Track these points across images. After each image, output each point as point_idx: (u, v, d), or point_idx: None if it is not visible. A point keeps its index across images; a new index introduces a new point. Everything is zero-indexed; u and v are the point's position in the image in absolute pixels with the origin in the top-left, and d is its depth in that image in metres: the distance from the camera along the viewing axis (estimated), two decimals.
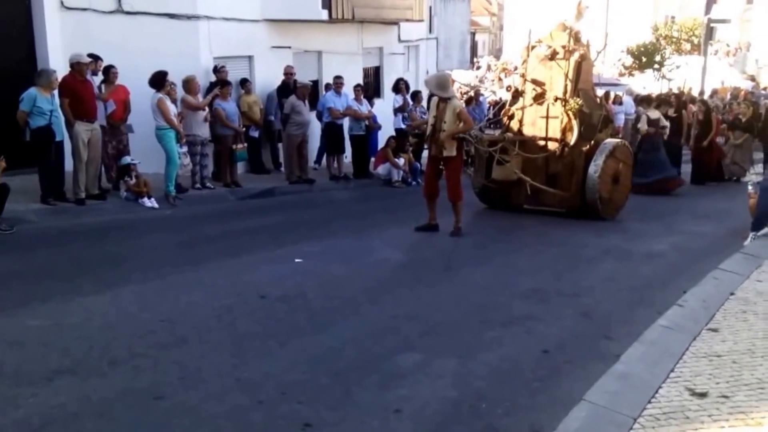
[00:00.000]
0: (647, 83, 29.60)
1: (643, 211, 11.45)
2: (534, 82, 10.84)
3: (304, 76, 14.48)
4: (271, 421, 4.13)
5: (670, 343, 5.28)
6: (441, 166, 9.29)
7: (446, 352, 5.20)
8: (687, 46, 39.34)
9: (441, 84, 9.22)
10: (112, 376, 4.66)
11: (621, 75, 32.29)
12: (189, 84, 11.56)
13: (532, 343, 5.45)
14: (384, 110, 15.76)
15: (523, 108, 11.04)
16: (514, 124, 11.08)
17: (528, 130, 10.95)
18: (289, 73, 14.06)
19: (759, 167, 15.09)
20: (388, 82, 17.41)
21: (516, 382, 4.72)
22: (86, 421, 4.07)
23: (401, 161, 14.14)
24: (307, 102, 13.34)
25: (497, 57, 48.31)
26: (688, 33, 39.80)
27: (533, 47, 11.08)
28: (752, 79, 34.18)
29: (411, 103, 14.76)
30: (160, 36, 12.36)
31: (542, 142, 10.77)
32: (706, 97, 20.56)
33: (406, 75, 18.25)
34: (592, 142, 10.70)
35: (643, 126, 14.17)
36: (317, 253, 8.16)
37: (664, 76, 30.92)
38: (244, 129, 12.79)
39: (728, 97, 22.21)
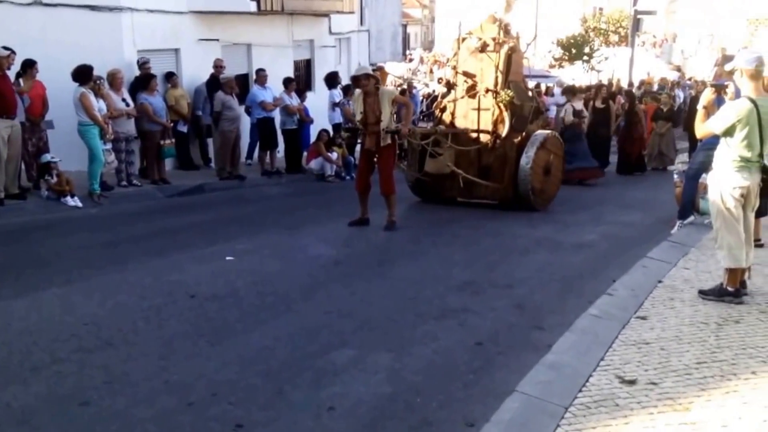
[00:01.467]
0: (577, 75, 30.14)
1: (572, 201, 11.63)
2: (465, 74, 10.86)
3: (233, 70, 14.26)
4: (202, 423, 4.03)
5: (600, 332, 5.34)
6: (375, 159, 9.25)
7: (380, 347, 5.16)
8: (615, 38, 40.23)
9: (365, 68, 9.40)
10: (34, 383, 4.49)
11: (552, 67, 32.82)
12: (113, 79, 11.23)
13: (466, 335, 5.45)
14: (316, 104, 15.64)
15: (455, 100, 11.07)
16: (447, 117, 11.11)
17: (460, 123, 10.99)
18: (218, 66, 13.81)
19: (684, 156, 15.52)
20: (319, 76, 17.27)
21: (450, 375, 4.71)
22: (7, 430, 3.92)
23: (334, 155, 14.04)
24: (235, 96, 13.11)
25: (429, 49, 48.63)
26: (616, 25, 40.71)
27: (464, 39, 11.10)
28: (678, 69, 35.18)
29: (344, 97, 14.67)
30: (81, 29, 12.00)
31: (474, 135, 10.82)
32: (634, 88, 21.03)
33: (338, 68, 18.14)
34: (524, 133, 10.78)
35: (568, 117, 14.39)
36: (249, 250, 8.02)
37: (593, 68, 31.53)
38: (171, 124, 12.50)
39: (655, 87, 22.77)
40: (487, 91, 10.69)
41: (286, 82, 14.25)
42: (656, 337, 5.23)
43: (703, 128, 6.22)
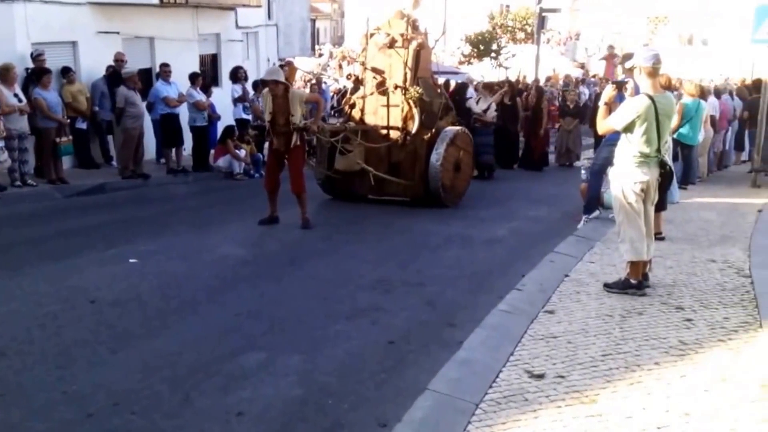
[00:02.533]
0: (485, 71, 30.58)
1: (482, 197, 11.78)
2: (374, 70, 10.79)
3: (135, 64, 13.77)
4: None
5: (509, 327, 5.39)
6: (285, 159, 9.15)
7: (291, 349, 5.06)
8: (521, 35, 41.05)
9: (275, 72, 9.16)
10: None
11: (461, 63, 33.17)
12: (5, 73, 10.67)
13: (378, 334, 5.41)
14: (223, 100, 15.31)
15: (364, 97, 10.98)
16: (356, 113, 11.02)
17: (370, 119, 10.91)
18: (119, 60, 13.32)
19: (589, 152, 15.94)
20: (226, 71, 16.93)
21: (362, 375, 4.66)
22: None
23: (242, 153, 13.78)
24: (138, 92, 12.68)
25: (339, 44, 48.42)
26: (522, 22, 41.55)
27: (372, 35, 11.02)
28: (582, 67, 36.19)
29: (252, 92, 14.41)
30: None
31: (384, 132, 10.78)
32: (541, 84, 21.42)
33: (245, 63, 17.81)
34: (434, 130, 10.75)
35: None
36: (153, 251, 7.75)
37: (501, 65, 32.04)
38: (68, 120, 11.98)
39: (560, 84, 23.32)
40: (396, 87, 10.62)
41: (193, 77, 13.88)
42: (563, 330, 5.32)
43: (604, 125, 6.37)
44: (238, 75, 14.84)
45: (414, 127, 10.56)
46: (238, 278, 6.89)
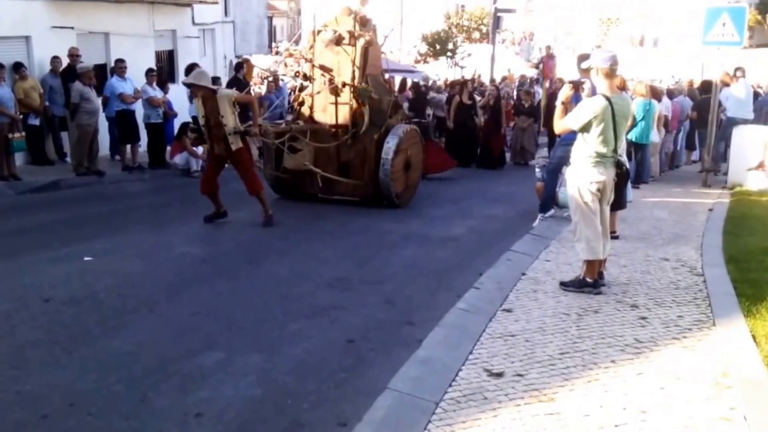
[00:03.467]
0: (441, 70, 30.72)
1: (438, 196, 11.84)
2: (321, 68, 10.54)
3: (90, 59, 13.56)
4: None
5: (468, 326, 5.43)
6: (227, 164, 9.12)
7: (249, 348, 5.04)
8: (477, 35, 41.31)
9: (200, 76, 8.89)
10: None
11: (417, 62, 33.26)
12: None
13: (337, 333, 5.41)
14: (179, 96, 15.11)
15: (312, 94, 10.76)
16: (305, 111, 10.81)
17: (319, 117, 10.70)
18: (74, 55, 13.08)
19: (544, 151, 16.12)
20: (182, 67, 16.72)
21: (321, 375, 4.65)
22: None
23: (200, 150, 13.62)
24: (93, 88, 12.46)
25: (297, 42, 48.14)
26: (478, 22, 41.83)
27: (319, 32, 10.78)
28: (536, 67, 36.49)
29: None
30: None
31: (332, 130, 10.55)
32: (500, 84, 21.59)
33: (202, 60, 17.62)
34: (383, 128, 10.56)
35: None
36: (109, 250, 7.65)
37: (456, 64, 32.23)
38: (21, 116, 11.72)
39: (515, 84, 23.55)
40: (344, 85, 10.38)
41: (148, 73, 13.68)
42: (521, 329, 5.38)
43: (561, 124, 6.45)
44: (192, 71, 14.65)
45: (363, 125, 10.37)
46: (196, 277, 6.83)
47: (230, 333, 5.36)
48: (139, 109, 13.55)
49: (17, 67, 12.25)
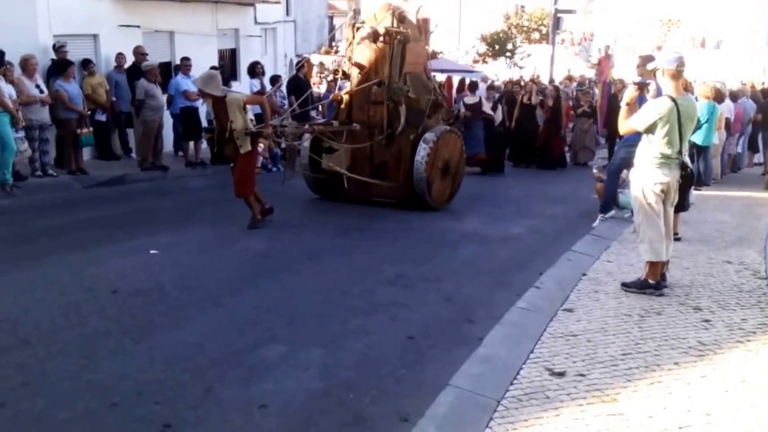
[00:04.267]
0: (500, 71, 30.59)
1: (496, 196, 11.80)
2: (356, 65, 10.33)
3: (155, 57, 13.86)
4: (127, 424, 3.89)
5: (528, 325, 5.42)
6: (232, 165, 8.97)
7: (311, 343, 5.10)
8: (536, 35, 40.98)
9: (207, 81, 8.58)
10: None
11: (475, 62, 33.15)
12: (25, 64, 10.76)
13: (398, 329, 5.44)
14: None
15: (350, 93, 10.48)
16: (343, 110, 10.53)
17: (357, 116, 10.37)
18: (140, 53, 13.41)
19: (604, 152, 15.93)
20: (244, 65, 17.00)
21: (382, 370, 4.69)
22: None
23: (261, 147, 13.82)
24: (158, 85, 12.76)
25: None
26: (537, 22, 41.50)
27: (358, 29, 10.49)
28: (595, 66, 35.96)
29: (270, 87, 14.46)
30: None
31: (357, 129, 10.24)
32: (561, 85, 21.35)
33: (263, 58, 17.90)
34: (420, 129, 10.19)
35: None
36: (173, 243, 7.83)
37: (515, 64, 32.07)
38: (89, 112, 12.08)
39: (574, 84, 23.26)
40: (380, 83, 10.07)
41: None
42: (583, 329, 5.34)
43: (626, 125, 6.36)
44: (256, 70, 14.88)
45: (399, 125, 10.05)
46: (258, 271, 6.95)
47: (292, 327, 5.44)
48: (202, 106, 13.80)
49: (85, 63, 12.60)
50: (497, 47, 33.64)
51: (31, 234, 8.11)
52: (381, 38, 10.13)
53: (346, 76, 10.80)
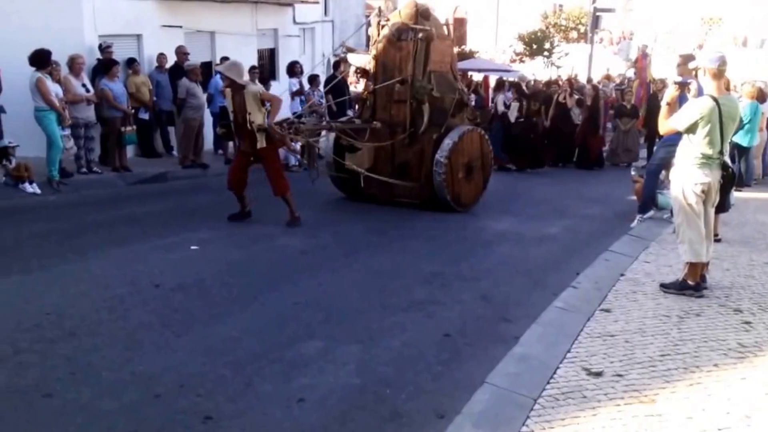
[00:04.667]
0: (537, 70, 30.36)
1: (532, 195, 11.76)
2: (377, 63, 10.13)
3: (196, 57, 14.07)
4: (170, 415, 3.98)
5: (565, 324, 5.42)
6: (251, 160, 8.83)
7: (349, 339, 5.16)
8: (574, 34, 40.56)
9: (230, 67, 8.60)
10: None
11: (512, 61, 32.93)
12: (72, 63, 11.01)
13: (434, 327, 5.48)
14: (280, 94, 15.50)
15: (374, 91, 10.28)
16: (367, 109, 10.42)
17: (380, 115, 10.22)
18: (181, 53, 13.61)
19: (643, 152, 15.76)
20: (283, 65, 17.15)
21: (419, 367, 4.73)
22: None
23: (298, 145, 13.92)
24: (199, 84, 12.95)
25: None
26: (575, 21, 41.06)
27: (383, 26, 10.31)
28: (633, 65, 35.47)
29: (308, 87, 14.57)
30: (40, 11, 11.72)
31: (374, 127, 10.09)
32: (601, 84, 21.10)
33: (301, 58, 18.02)
34: (443, 128, 10.00)
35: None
36: (213, 239, 7.96)
37: (553, 64, 31.80)
38: (133, 111, 12.30)
39: (613, 84, 22.99)
40: (403, 81, 9.89)
41: (250, 70, 14.07)
42: (620, 329, 5.32)
43: (666, 125, 6.32)
44: (294, 69, 14.99)
45: (423, 124, 9.85)
46: (296, 268, 7.03)
47: (330, 323, 5.51)
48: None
49: (130, 62, 12.83)
50: (534, 46, 33.33)
51: (77, 229, 8.29)
52: (404, 35, 9.98)
53: (366, 74, 10.56)
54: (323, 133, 10.37)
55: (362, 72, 10.70)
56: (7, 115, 10.58)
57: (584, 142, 15.73)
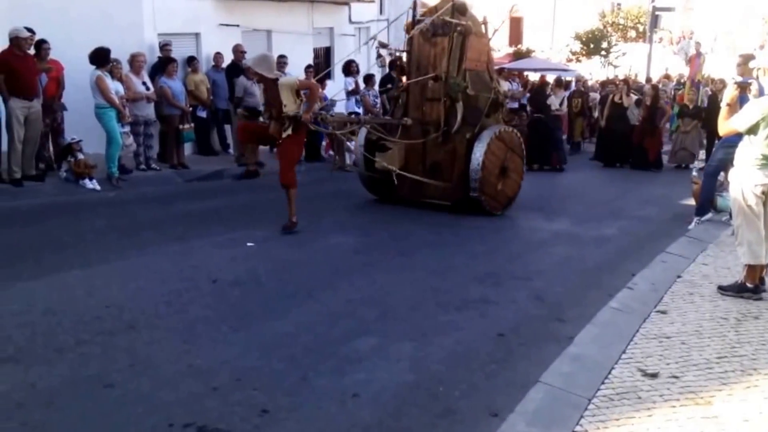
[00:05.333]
0: (594, 70, 29.95)
1: (587, 196, 11.63)
2: (408, 59, 9.93)
3: (253, 56, 14.20)
4: (227, 407, 4.06)
5: (621, 325, 5.37)
6: (269, 141, 8.83)
7: (402, 336, 5.19)
8: (632, 34, 39.80)
9: (259, 61, 8.23)
10: (58, 364, 4.54)
11: (569, 61, 32.50)
12: (133, 61, 11.28)
13: (488, 326, 5.48)
14: (334, 92, 15.62)
15: (407, 89, 10.04)
16: (399, 106, 10.18)
17: (413, 114, 9.95)
18: (239, 51, 13.82)
19: (702, 153, 15.41)
20: (339, 64, 17.25)
21: (472, 365, 4.74)
22: (33, 411, 3.94)
23: (353, 144, 14.02)
24: (256, 82, 13.11)
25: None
26: (634, 20, 40.27)
27: (418, 21, 9.98)
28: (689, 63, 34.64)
29: (364, 86, 14.64)
30: (101, 10, 12.07)
31: (406, 125, 9.85)
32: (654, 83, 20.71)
33: (357, 57, 18.09)
34: (477, 128, 9.68)
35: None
36: (268, 236, 8.06)
37: (610, 63, 31.28)
38: (191, 109, 12.53)
39: (672, 84, 22.56)
40: (437, 78, 9.61)
41: (306, 69, 14.24)
42: (677, 331, 5.25)
43: (726, 126, 6.20)
44: (350, 68, 15.06)
45: (456, 123, 9.53)
46: (350, 266, 7.09)
47: (384, 320, 5.55)
48: None
49: (189, 60, 13.07)
50: (592, 46, 32.82)
51: (136, 225, 8.49)
52: (440, 30, 9.67)
53: (403, 71, 10.28)
54: (360, 131, 10.08)
55: (399, 69, 10.36)
56: (68, 112, 10.90)
57: (642, 143, 15.41)
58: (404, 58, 10.35)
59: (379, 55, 13.01)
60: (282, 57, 13.92)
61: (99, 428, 3.84)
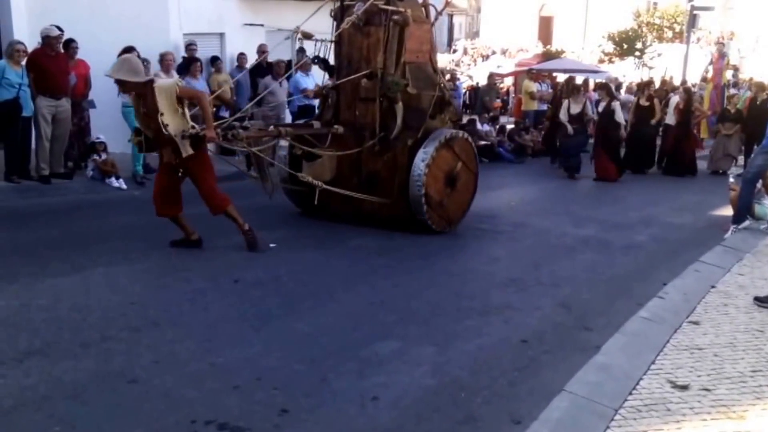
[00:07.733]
0: (627, 71, 29.46)
1: (618, 202, 11.42)
2: (340, 52, 8.65)
3: (277, 56, 14.21)
4: (248, 406, 4.04)
5: (650, 335, 5.23)
6: (180, 174, 7.09)
7: (424, 340, 5.11)
8: (669, 34, 39.11)
9: (119, 67, 6.67)
10: (84, 359, 4.58)
11: (601, 62, 31.98)
12: (162, 60, 11.31)
13: (511, 332, 5.37)
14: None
15: (336, 88, 8.69)
16: (328, 109, 8.89)
17: (345, 116, 8.61)
18: (263, 51, 13.81)
19: (740, 159, 15.06)
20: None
21: (495, 372, 4.64)
22: (58, 404, 3.99)
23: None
24: (280, 82, 13.10)
25: (473, 39, 47.97)
26: (671, 20, 39.54)
27: (347, 7, 8.66)
28: (735, 68, 33.97)
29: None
30: (128, 10, 12.13)
31: (333, 132, 8.49)
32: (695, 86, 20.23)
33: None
34: (421, 132, 8.32)
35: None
36: (290, 238, 8.02)
37: (645, 64, 30.69)
38: (214, 109, 12.52)
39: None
40: (371, 75, 8.31)
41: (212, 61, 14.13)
42: (709, 342, 5.10)
43: None
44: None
45: (396, 128, 8.24)
46: (371, 268, 7.01)
47: (405, 324, 5.46)
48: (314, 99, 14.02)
49: (213, 60, 13.10)
50: (625, 46, 32.13)
51: (160, 224, 8.44)
52: (374, 20, 8.30)
53: (329, 67, 9.02)
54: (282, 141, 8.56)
55: (324, 64, 8.98)
56: (96, 111, 10.96)
57: (676, 147, 15.05)
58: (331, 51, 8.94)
59: (300, 49, 11.72)
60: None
61: (123, 422, 3.86)
